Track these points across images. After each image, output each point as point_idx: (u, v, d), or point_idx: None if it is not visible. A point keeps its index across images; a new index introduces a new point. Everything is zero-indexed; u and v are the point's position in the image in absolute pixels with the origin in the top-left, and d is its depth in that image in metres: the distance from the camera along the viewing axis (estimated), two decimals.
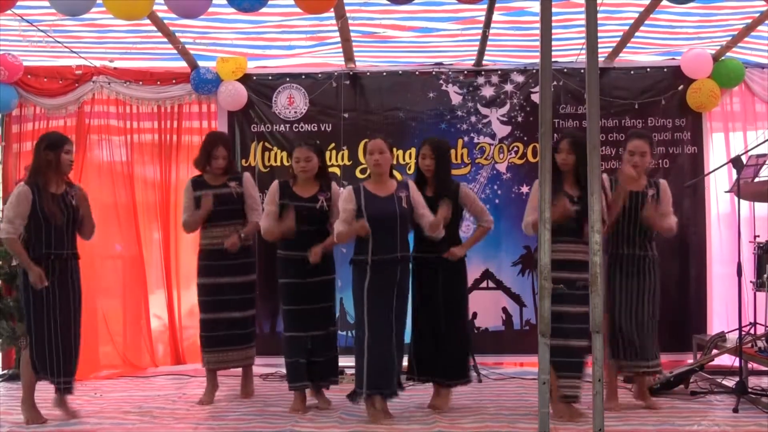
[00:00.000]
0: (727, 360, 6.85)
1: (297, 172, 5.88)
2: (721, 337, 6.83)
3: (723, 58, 7.66)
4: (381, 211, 5.47)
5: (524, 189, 7.73)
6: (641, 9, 6.63)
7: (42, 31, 6.79)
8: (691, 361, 7.08)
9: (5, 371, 7.50)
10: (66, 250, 5.57)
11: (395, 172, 6.02)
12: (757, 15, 6.77)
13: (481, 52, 7.56)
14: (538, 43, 3.90)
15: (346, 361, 7.30)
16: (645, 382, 5.96)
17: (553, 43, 3.98)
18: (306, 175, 5.87)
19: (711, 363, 6.76)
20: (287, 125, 7.90)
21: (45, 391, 5.77)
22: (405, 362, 5.82)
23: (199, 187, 6.31)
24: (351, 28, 6.95)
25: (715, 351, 6.71)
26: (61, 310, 5.52)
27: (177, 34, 7.11)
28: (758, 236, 6.63)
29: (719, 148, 7.82)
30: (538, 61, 3.94)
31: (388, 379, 5.42)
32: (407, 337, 5.76)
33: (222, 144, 6.33)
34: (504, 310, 7.76)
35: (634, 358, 5.72)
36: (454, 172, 7.58)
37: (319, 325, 5.87)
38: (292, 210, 5.73)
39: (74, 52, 7.54)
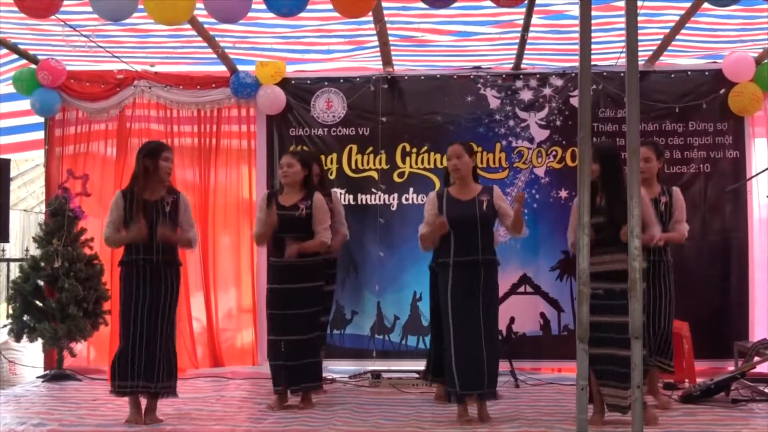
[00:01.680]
0: None
1: (280, 178, 6.10)
2: (764, 344, 6.73)
3: (766, 61, 7.56)
4: (462, 214, 5.52)
5: (563, 193, 7.69)
6: (682, 12, 6.57)
7: (84, 36, 6.89)
8: (732, 368, 6.98)
9: (47, 371, 7.60)
10: (157, 255, 5.52)
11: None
12: None
13: (519, 56, 7.53)
14: (577, 47, 3.87)
15: (386, 365, 7.36)
16: (656, 378, 6.01)
17: (593, 46, 3.95)
18: (287, 180, 6.05)
19: (753, 370, 6.65)
20: (325, 129, 7.94)
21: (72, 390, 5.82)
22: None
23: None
24: (389, 31, 6.96)
25: (757, 358, 6.61)
26: (149, 315, 5.49)
27: (217, 39, 7.17)
28: None
29: (761, 153, 7.71)
30: (577, 64, 3.92)
31: (478, 378, 5.43)
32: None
33: (315, 162, 6.57)
34: (542, 315, 7.71)
35: (648, 357, 5.72)
36: (491, 176, 7.62)
37: (295, 331, 5.96)
38: (274, 208, 5.96)
39: (116, 57, 7.64)
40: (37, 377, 7.55)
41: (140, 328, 5.48)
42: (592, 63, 4.12)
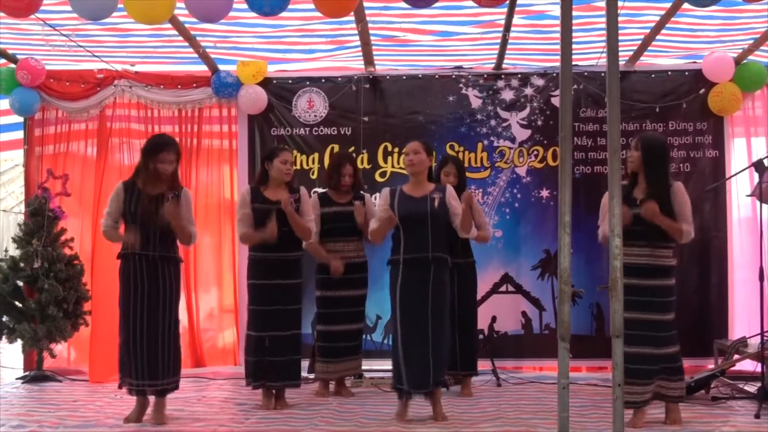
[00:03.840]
0: (748, 365, 6.79)
1: (282, 175, 6.04)
2: (743, 342, 6.78)
3: (745, 61, 7.61)
4: (412, 211, 5.53)
5: (544, 193, 7.71)
6: (662, 12, 6.60)
7: (64, 35, 6.84)
8: (712, 366, 7.03)
9: (27, 373, 7.55)
10: (154, 251, 5.47)
11: None
12: None
13: (501, 56, 7.55)
14: (558, 47, 3.89)
15: (368, 365, 7.35)
16: None
17: (574, 46, 3.96)
18: (288, 178, 6.07)
19: (732, 368, 6.71)
20: (307, 129, 7.92)
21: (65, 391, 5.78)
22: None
23: (325, 204, 6.50)
24: (371, 31, 6.96)
25: (736, 356, 6.66)
26: (148, 311, 5.44)
27: (198, 38, 7.15)
28: None
29: (741, 153, 7.76)
30: (558, 64, 3.93)
31: (425, 376, 5.45)
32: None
33: (349, 162, 6.60)
34: (523, 314, 7.73)
35: None
36: (473, 175, 7.64)
37: (280, 326, 5.98)
38: (274, 217, 5.88)
39: (96, 56, 7.60)
40: (17, 378, 7.50)
41: (138, 322, 5.44)
42: (573, 63, 4.13)
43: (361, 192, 6.77)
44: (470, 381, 6.63)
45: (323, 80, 7.99)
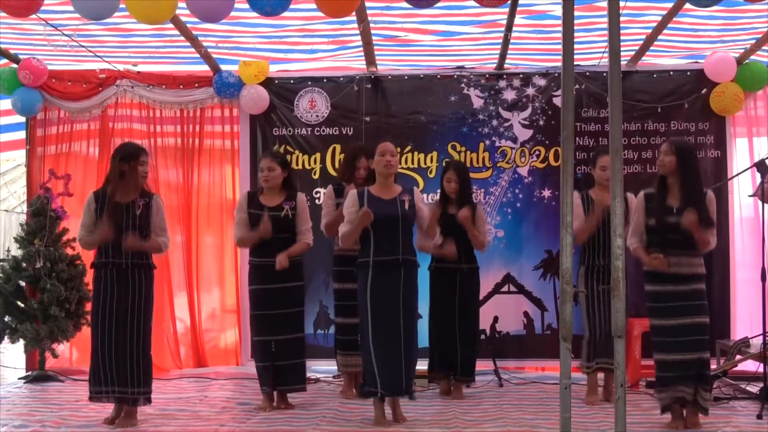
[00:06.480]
0: (750, 366, 6.79)
1: (261, 182, 6.04)
2: (745, 342, 6.77)
3: (747, 61, 7.61)
4: (383, 213, 5.44)
5: (545, 193, 7.71)
6: (664, 12, 6.60)
7: (66, 35, 6.85)
8: (714, 366, 7.02)
9: (29, 373, 7.55)
10: (125, 259, 5.44)
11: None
12: None
13: (502, 56, 7.55)
14: (560, 47, 3.88)
15: None
16: (609, 379, 6.17)
17: (576, 46, 3.96)
18: (268, 185, 6.00)
19: (734, 368, 6.70)
20: (309, 129, 7.93)
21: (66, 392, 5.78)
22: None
23: (340, 195, 6.38)
24: (373, 31, 6.96)
25: (738, 356, 6.65)
26: (117, 319, 5.41)
27: (199, 38, 7.15)
28: None
29: (743, 153, 7.76)
30: (560, 64, 3.93)
31: (398, 379, 5.41)
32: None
33: (364, 155, 6.46)
34: (525, 314, 7.73)
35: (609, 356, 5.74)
36: (475, 175, 7.61)
37: (284, 330, 5.96)
38: (267, 216, 5.86)
39: (98, 56, 7.60)
40: (19, 378, 7.50)
41: (107, 331, 5.42)
42: (575, 63, 4.13)
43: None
44: (463, 386, 6.56)
45: (325, 80, 7.99)
